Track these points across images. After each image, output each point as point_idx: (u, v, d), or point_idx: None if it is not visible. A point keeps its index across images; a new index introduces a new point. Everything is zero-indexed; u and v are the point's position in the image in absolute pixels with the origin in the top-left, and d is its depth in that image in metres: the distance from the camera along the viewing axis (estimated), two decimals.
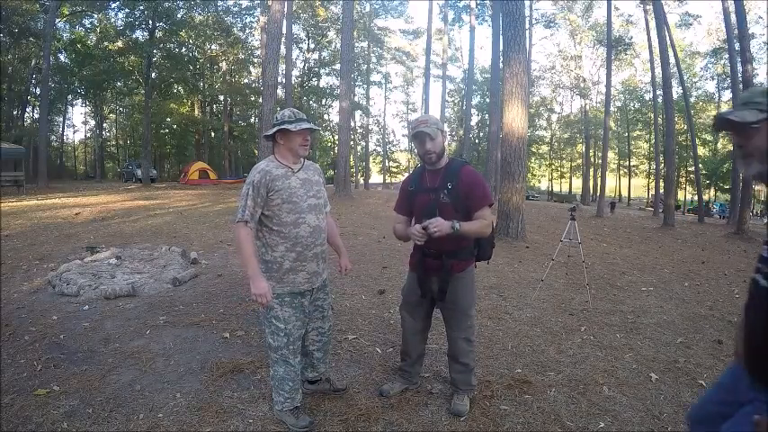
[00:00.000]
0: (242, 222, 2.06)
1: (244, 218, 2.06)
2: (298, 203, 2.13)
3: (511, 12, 8.46)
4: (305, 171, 2.24)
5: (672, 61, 17.67)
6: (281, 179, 2.11)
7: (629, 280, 5.76)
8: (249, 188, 2.07)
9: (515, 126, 8.32)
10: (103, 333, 3.34)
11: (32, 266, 5.25)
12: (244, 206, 2.07)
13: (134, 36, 23.27)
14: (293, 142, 2.14)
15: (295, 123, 2.11)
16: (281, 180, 2.11)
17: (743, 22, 12.69)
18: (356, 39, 29.43)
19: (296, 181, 2.16)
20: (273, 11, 12.19)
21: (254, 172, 2.11)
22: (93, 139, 37.68)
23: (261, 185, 2.07)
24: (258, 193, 2.07)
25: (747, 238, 11.09)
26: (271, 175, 2.10)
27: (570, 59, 38.23)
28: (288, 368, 2.18)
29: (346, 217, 11.06)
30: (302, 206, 2.14)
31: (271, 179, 2.09)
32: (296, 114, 2.15)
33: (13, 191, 15.01)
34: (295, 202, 2.12)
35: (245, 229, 2.05)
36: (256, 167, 2.15)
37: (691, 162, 28.00)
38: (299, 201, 2.13)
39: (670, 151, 15.36)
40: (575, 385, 2.74)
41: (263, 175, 2.09)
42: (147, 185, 21.39)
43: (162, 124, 31.76)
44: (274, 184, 2.09)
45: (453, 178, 2.24)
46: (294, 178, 2.16)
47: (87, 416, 2.28)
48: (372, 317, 3.87)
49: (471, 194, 2.23)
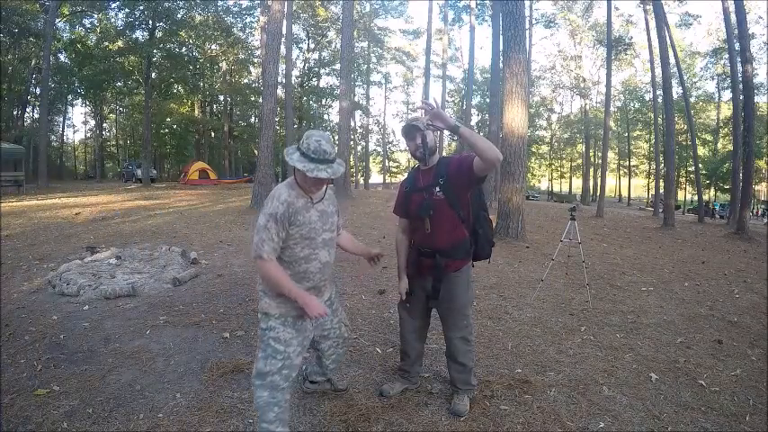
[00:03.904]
0: (267, 260, 1.85)
1: (270, 257, 1.85)
2: (314, 239, 1.97)
3: (511, 12, 8.45)
4: (323, 202, 2.03)
5: (672, 61, 17.65)
6: (302, 212, 1.92)
7: (629, 280, 5.75)
8: (271, 221, 1.85)
9: (515, 126, 8.31)
10: (103, 333, 3.35)
11: (32, 266, 5.25)
12: (264, 240, 1.84)
13: (134, 36, 23.27)
14: (306, 182, 1.91)
15: (313, 167, 1.82)
16: (302, 213, 1.92)
17: (743, 21, 12.67)
18: (356, 39, 29.39)
19: (315, 214, 1.97)
20: (273, 11, 12.18)
21: (276, 202, 1.88)
22: (93, 139, 37.73)
23: (285, 219, 1.87)
24: (282, 227, 1.87)
25: (747, 238, 11.07)
26: (294, 207, 1.89)
27: (570, 59, 38.22)
28: (274, 393, 1.90)
29: (346, 217, 11.07)
30: (317, 241, 1.98)
31: (293, 212, 1.89)
32: (320, 153, 1.83)
33: (13, 191, 15.01)
34: (312, 237, 1.96)
35: (272, 263, 1.86)
36: (278, 196, 1.90)
37: (691, 162, 27.95)
38: (316, 236, 1.97)
39: (670, 151, 15.34)
40: (575, 385, 2.74)
41: (286, 207, 1.87)
42: (147, 185, 21.40)
43: (162, 124, 31.75)
44: (296, 218, 1.90)
45: (443, 173, 2.22)
46: (313, 211, 1.97)
47: (87, 416, 2.28)
48: (372, 317, 3.87)
49: (460, 168, 2.17)
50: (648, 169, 39.04)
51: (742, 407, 2.57)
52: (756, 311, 4.56)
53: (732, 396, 2.69)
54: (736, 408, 2.56)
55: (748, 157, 12.79)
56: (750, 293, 5.37)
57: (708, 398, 2.66)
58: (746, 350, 3.46)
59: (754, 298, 5.16)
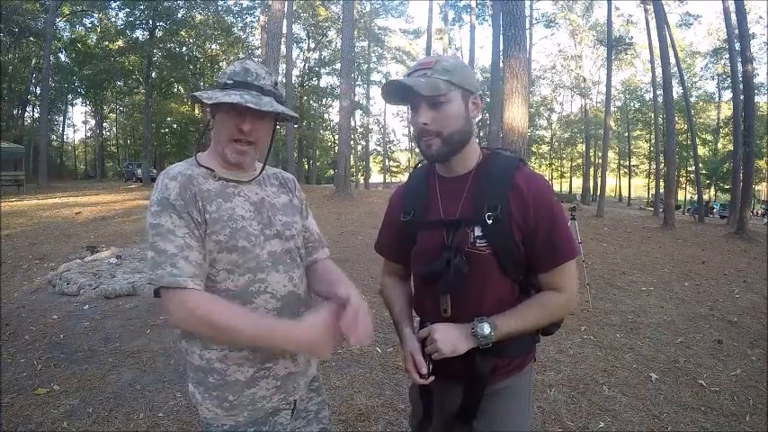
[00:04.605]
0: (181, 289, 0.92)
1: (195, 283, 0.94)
2: (248, 251, 1.02)
3: (511, 11, 8.43)
4: (261, 185, 1.13)
5: (672, 61, 17.65)
6: (213, 199, 1.02)
7: (629, 280, 5.75)
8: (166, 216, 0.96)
9: (516, 125, 8.30)
10: (104, 332, 3.35)
11: (33, 266, 5.25)
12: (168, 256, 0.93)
13: (134, 35, 23.35)
14: (220, 136, 1.04)
15: (222, 95, 0.98)
16: (214, 201, 1.02)
17: (743, 21, 12.66)
18: (356, 38, 29.40)
19: (242, 204, 1.06)
20: (274, 10, 12.18)
21: (162, 182, 1.00)
22: (93, 139, 37.76)
23: (190, 203, 0.98)
24: (192, 220, 0.97)
25: (747, 238, 11.07)
26: (195, 186, 1.01)
27: (570, 59, 38.19)
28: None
29: (346, 216, 11.07)
30: (257, 256, 1.04)
31: (197, 196, 1.00)
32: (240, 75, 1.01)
33: (13, 190, 15.01)
34: (244, 249, 1.02)
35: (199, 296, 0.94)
36: (164, 173, 1.03)
37: (691, 162, 27.98)
38: (251, 245, 1.03)
39: (670, 151, 15.34)
40: (575, 385, 2.74)
41: (181, 184, 0.99)
42: (148, 185, 21.42)
43: (162, 124, 31.75)
44: (205, 208, 1.00)
45: (499, 195, 1.03)
46: (239, 199, 1.06)
47: (87, 415, 2.28)
48: (372, 316, 3.86)
49: (541, 232, 1.03)
50: (648, 169, 39.06)
51: (742, 407, 2.57)
52: (756, 311, 4.56)
53: (732, 396, 2.69)
54: (736, 408, 2.56)
55: (748, 157, 12.79)
56: (750, 293, 5.36)
57: (708, 398, 2.66)
58: (746, 350, 3.45)
59: (754, 298, 5.16)
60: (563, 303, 1.08)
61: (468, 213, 1.05)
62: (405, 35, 37.20)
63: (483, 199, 1.04)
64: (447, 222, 1.07)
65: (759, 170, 28.43)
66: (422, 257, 1.11)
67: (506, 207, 1.02)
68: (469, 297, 1.05)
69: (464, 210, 1.06)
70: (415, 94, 0.99)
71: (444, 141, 1.02)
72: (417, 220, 1.12)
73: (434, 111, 1.01)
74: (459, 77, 1.01)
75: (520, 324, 1.04)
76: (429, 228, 1.10)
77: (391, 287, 1.30)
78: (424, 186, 1.15)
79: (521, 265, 1.06)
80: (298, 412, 1.17)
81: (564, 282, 1.06)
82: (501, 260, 1.03)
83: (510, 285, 1.07)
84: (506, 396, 1.12)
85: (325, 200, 14.46)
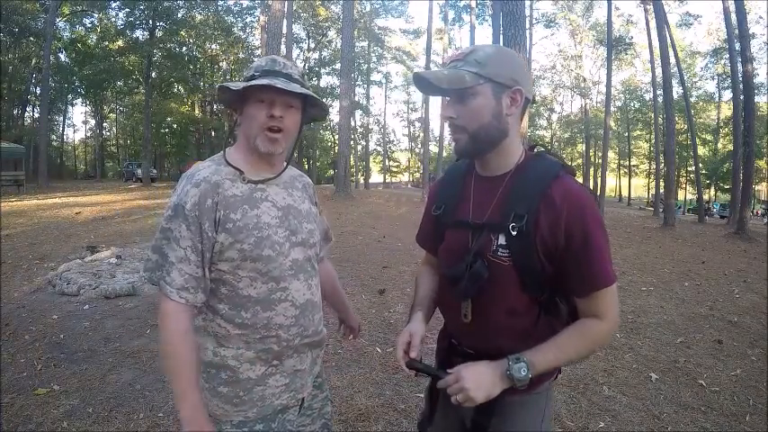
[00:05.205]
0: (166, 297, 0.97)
1: (181, 296, 0.97)
2: (272, 260, 1.03)
3: (511, 11, 8.44)
4: (288, 188, 1.13)
5: (672, 61, 17.66)
6: (239, 206, 1.01)
7: (629, 280, 5.75)
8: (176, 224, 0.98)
9: None
10: (104, 332, 3.35)
11: (33, 266, 5.25)
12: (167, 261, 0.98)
13: (134, 35, 23.35)
14: (251, 127, 1.05)
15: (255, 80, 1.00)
16: (239, 209, 1.01)
17: (743, 21, 12.67)
18: (356, 38, 29.38)
19: (269, 210, 1.05)
20: (274, 10, 12.19)
21: (185, 187, 1.01)
22: (93, 139, 37.76)
23: (206, 217, 0.98)
24: (202, 235, 0.98)
25: (747, 238, 11.08)
26: (220, 194, 1.00)
27: (570, 59, 38.17)
28: None
29: (346, 216, 11.07)
30: (281, 265, 1.04)
31: (221, 204, 1.00)
32: (268, 65, 1.05)
33: (13, 190, 15.02)
34: (268, 258, 1.02)
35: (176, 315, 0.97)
36: (189, 175, 1.04)
37: (691, 162, 27.99)
38: (276, 254, 1.03)
39: (670, 151, 15.35)
40: (575, 385, 2.74)
41: (203, 193, 0.99)
42: (148, 185, 21.44)
43: (162, 124, 31.74)
44: (229, 216, 1.00)
45: (529, 205, 0.94)
46: (266, 205, 1.06)
47: (87, 415, 2.28)
48: (372, 316, 3.87)
49: (572, 252, 0.93)
50: (648, 169, 39.06)
51: (742, 407, 2.57)
52: (756, 311, 4.56)
53: (732, 396, 2.69)
54: (736, 408, 2.56)
55: (748, 157, 12.80)
56: (750, 293, 5.37)
57: (708, 398, 2.66)
58: (746, 350, 3.46)
59: (754, 298, 5.16)
60: (606, 332, 0.97)
61: (495, 219, 0.98)
62: (405, 35, 37.19)
63: (512, 206, 0.96)
64: (473, 225, 1.02)
65: (759, 170, 28.45)
66: (447, 257, 1.08)
67: (534, 219, 0.93)
68: (489, 307, 1.00)
69: (492, 214, 0.99)
70: (435, 87, 0.96)
71: (471, 137, 0.97)
72: (446, 216, 1.10)
73: (461, 104, 0.96)
74: (493, 70, 0.94)
75: (560, 358, 0.95)
76: (455, 227, 1.07)
77: (423, 275, 1.26)
78: (460, 182, 1.10)
79: (545, 283, 0.97)
80: (303, 410, 1.19)
81: (604, 309, 0.95)
82: (521, 274, 0.95)
83: (527, 302, 0.98)
84: (520, 412, 1.05)
85: (326, 200, 14.47)
